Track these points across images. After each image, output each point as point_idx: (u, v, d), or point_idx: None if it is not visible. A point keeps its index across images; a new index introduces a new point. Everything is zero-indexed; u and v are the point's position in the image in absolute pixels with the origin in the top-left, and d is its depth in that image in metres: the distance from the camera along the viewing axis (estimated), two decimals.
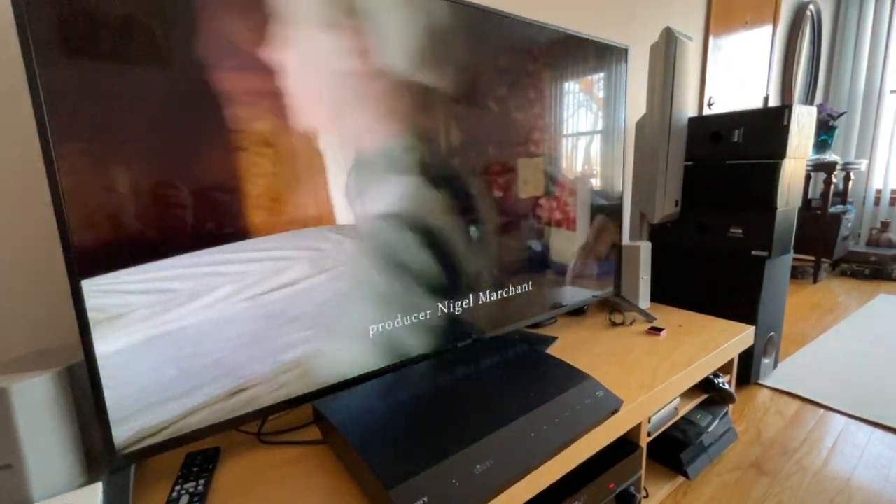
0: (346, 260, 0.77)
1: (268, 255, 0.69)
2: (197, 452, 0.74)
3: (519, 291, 1.08)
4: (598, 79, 1.18)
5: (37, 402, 0.59)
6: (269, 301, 0.70)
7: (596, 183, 1.24)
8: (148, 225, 0.60)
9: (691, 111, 2.34)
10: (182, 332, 0.63)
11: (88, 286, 0.56)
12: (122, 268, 0.58)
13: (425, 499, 0.56)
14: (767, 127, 1.39)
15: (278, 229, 0.70)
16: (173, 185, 0.60)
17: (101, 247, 0.57)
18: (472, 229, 0.95)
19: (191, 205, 0.62)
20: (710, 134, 1.52)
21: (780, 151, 1.38)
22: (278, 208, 0.69)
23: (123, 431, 0.61)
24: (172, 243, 0.61)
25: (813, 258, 2.84)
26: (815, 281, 2.81)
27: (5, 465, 0.57)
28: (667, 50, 1.33)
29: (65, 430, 0.62)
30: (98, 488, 0.61)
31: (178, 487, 0.66)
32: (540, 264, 1.12)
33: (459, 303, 0.96)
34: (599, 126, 1.22)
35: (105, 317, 0.57)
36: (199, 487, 0.65)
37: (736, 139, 1.46)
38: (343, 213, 0.76)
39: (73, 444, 0.63)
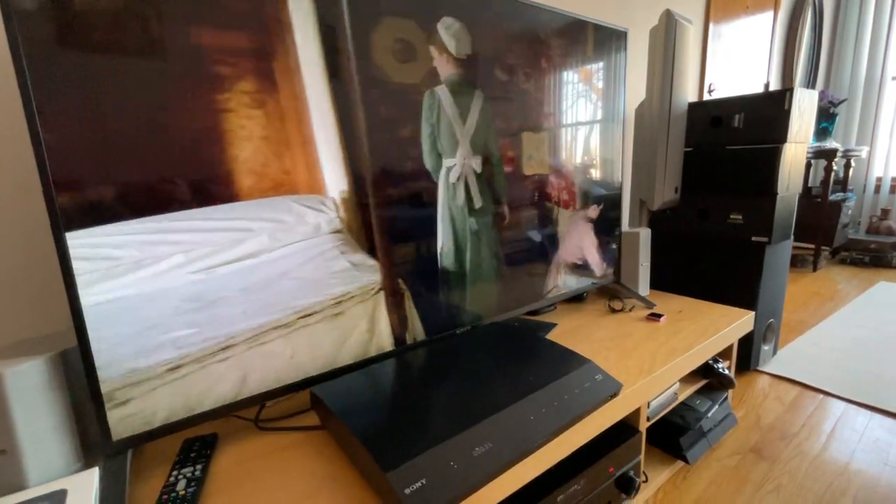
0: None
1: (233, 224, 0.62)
2: (194, 438, 0.74)
3: (518, 277, 1.07)
4: (596, 63, 1.17)
5: (30, 386, 0.58)
6: (222, 275, 0.62)
7: (594, 170, 1.23)
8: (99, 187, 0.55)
9: (692, 98, 2.32)
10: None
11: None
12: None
13: (423, 481, 0.56)
14: (768, 111, 1.38)
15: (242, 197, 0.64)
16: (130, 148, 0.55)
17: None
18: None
19: (146, 167, 0.57)
20: (711, 119, 1.51)
21: (780, 136, 1.36)
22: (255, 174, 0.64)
23: None
24: (126, 207, 0.57)
25: (813, 246, 2.84)
26: (814, 269, 2.81)
27: (0, 450, 0.57)
28: (667, 33, 1.31)
29: (59, 416, 0.61)
30: (94, 473, 0.60)
31: (175, 472, 0.65)
32: (539, 251, 1.11)
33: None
34: (598, 112, 1.20)
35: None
36: (197, 472, 0.65)
37: (736, 124, 1.45)
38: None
39: (69, 430, 0.62)
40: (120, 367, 0.59)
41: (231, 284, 0.64)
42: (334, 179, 0.72)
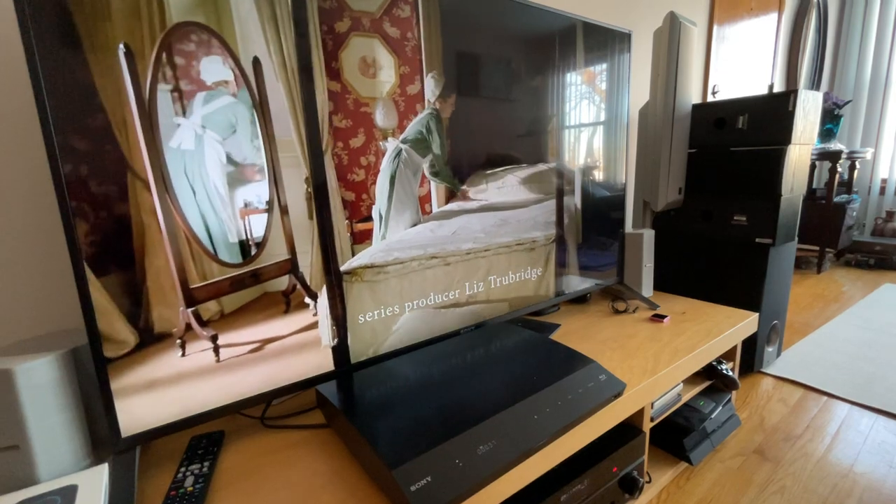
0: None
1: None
2: (201, 436, 0.75)
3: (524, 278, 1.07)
4: (600, 65, 1.17)
5: (41, 383, 0.59)
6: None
7: (599, 171, 1.23)
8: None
9: (695, 100, 2.32)
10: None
11: None
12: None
13: (428, 478, 0.56)
14: (772, 113, 1.38)
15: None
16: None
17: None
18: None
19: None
20: (715, 120, 1.51)
21: (785, 137, 1.36)
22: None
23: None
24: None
25: (817, 248, 2.83)
26: (819, 271, 2.80)
27: (11, 445, 0.58)
28: (671, 35, 1.31)
29: (70, 412, 0.62)
30: (104, 469, 0.61)
31: (182, 469, 0.66)
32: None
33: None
34: (602, 113, 1.21)
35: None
36: (204, 469, 0.66)
37: (740, 125, 1.45)
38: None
39: (79, 426, 0.63)
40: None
41: (515, 216, 0.99)
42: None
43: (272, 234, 0.67)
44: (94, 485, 0.58)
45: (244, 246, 0.65)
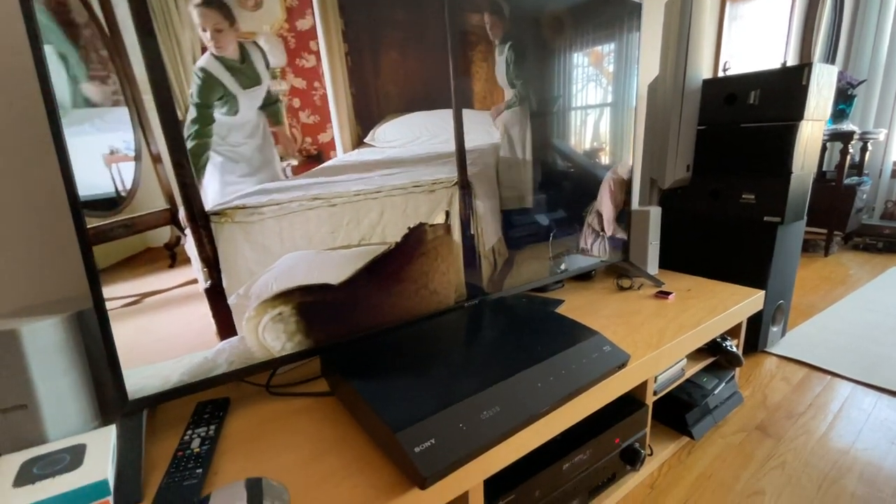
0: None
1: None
2: (207, 401, 0.76)
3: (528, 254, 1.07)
4: (608, 37, 1.14)
5: (48, 344, 0.59)
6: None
7: (606, 149, 1.21)
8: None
9: (706, 76, 2.27)
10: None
11: None
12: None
13: (432, 440, 0.57)
14: (785, 87, 1.34)
15: None
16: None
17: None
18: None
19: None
20: (725, 96, 1.48)
21: (797, 113, 1.33)
22: None
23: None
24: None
25: (825, 231, 2.80)
26: (826, 254, 2.77)
27: (20, 405, 0.58)
28: (682, 7, 1.28)
29: (77, 374, 0.62)
30: (112, 430, 0.62)
31: (189, 432, 0.67)
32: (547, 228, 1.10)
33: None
34: (610, 88, 1.18)
35: None
36: (211, 432, 0.67)
37: (752, 101, 1.41)
38: None
39: (86, 388, 0.64)
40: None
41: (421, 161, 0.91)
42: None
43: (143, 182, 0.63)
44: (103, 444, 0.59)
45: (111, 195, 0.62)
